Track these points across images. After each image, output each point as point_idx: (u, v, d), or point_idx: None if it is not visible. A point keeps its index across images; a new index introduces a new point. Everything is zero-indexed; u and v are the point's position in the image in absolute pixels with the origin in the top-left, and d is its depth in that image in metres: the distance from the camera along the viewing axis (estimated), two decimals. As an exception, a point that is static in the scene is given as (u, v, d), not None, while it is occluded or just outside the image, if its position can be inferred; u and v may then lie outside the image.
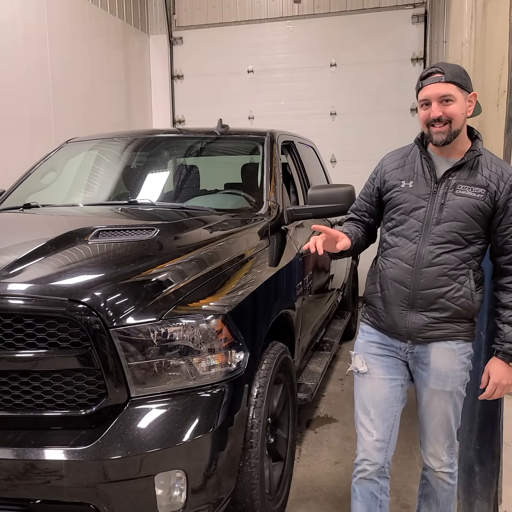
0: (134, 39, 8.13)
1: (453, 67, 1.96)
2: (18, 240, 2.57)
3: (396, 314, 2.09)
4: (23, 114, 5.54)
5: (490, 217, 1.98)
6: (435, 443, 2.17)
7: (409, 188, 2.07)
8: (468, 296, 2.02)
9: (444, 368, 2.08)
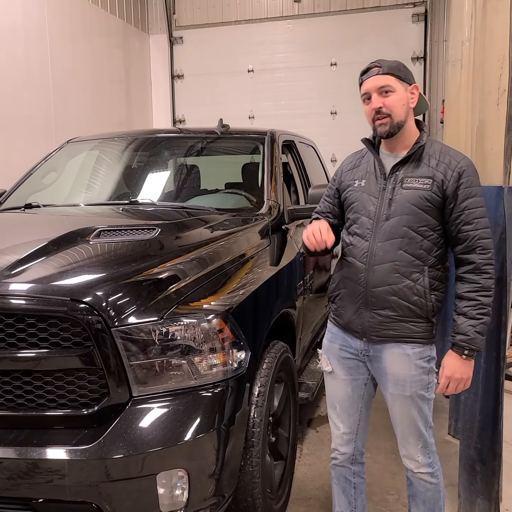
0: (134, 39, 8.14)
1: (391, 61, 1.99)
2: (19, 240, 2.57)
3: (352, 312, 2.09)
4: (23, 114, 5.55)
5: (441, 208, 1.94)
6: (407, 444, 2.16)
7: (362, 186, 2.08)
8: (421, 295, 1.97)
9: (401, 373, 2.05)
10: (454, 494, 2.81)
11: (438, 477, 2.18)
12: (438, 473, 2.18)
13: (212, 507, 2.04)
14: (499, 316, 2.37)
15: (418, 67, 7.87)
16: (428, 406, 2.10)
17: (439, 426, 3.68)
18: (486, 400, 2.44)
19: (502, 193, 2.31)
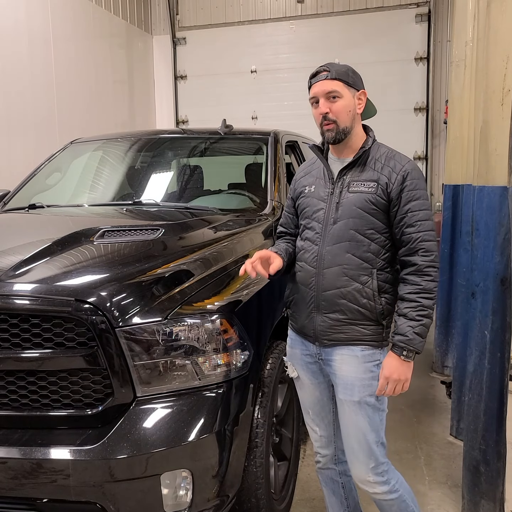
0: (137, 40, 8.15)
1: (340, 66, 2.00)
2: (24, 241, 2.58)
3: (305, 317, 2.08)
4: (27, 114, 5.56)
5: (387, 210, 1.95)
6: (356, 461, 2.08)
7: (311, 192, 2.10)
8: (370, 297, 1.96)
9: (349, 376, 2.02)
10: (458, 495, 2.80)
11: (398, 489, 2.10)
12: (397, 485, 2.10)
13: (216, 507, 2.04)
14: (504, 317, 2.37)
15: (421, 68, 7.86)
16: (379, 417, 2.05)
17: (442, 427, 3.69)
18: (490, 401, 2.43)
19: (507, 194, 2.31)
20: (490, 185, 2.35)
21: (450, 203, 4.34)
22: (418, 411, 3.95)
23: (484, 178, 2.39)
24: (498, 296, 2.36)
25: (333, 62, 2.03)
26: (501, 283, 2.35)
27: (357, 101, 2.00)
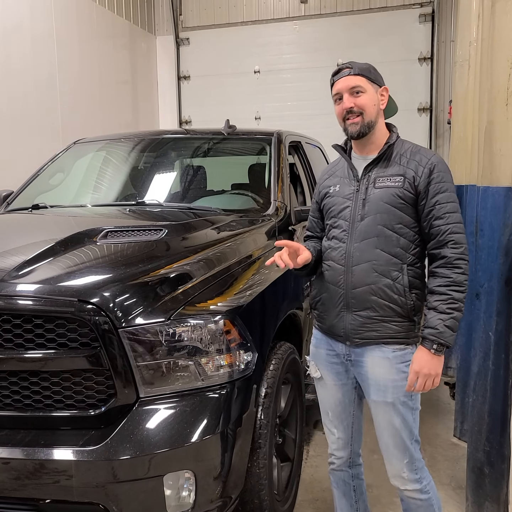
0: (141, 40, 8.15)
1: (362, 63, 2.02)
2: (27, 241, 2.57)
3: (334, 316, 2.07)
4: (31, 115, 5.56)
5: (415, 204, 1.94)
6: (392, 458, 2.09)
7: (336, 191, 2.10)
8: (401, 293, 1.95)
9: (381, 378, 2.01)
10: (462, 497, 2.79)
11: (429, 491, 2.10)
12: (429, 487, 2.11)
13: (219, 508, 2.03)
14: (508, 318, 2.36)
15: (425, 68, 7.83)
16: (413, 416, 2.05)
17: (446, 428, 3.68)
18: (494, 402, 2.42)
19: (511, 194, 2.30)
20: (495, 186, 2.34)
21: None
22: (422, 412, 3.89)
23: (489, 178, 2.38)
24: (503, 297, 2.35)
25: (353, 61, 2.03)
26: (506, 284, 2.34)
27: (380, 96, 2.01)
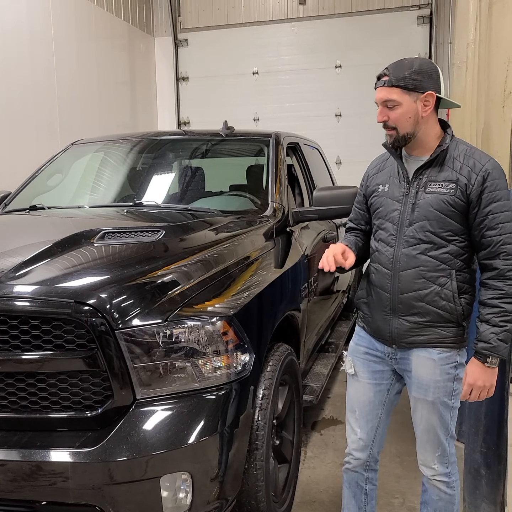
0: (139, 41, 8.15)
1: (403, 67, 1.90)
2: (24, 242, 2.57)
3: (380, 320, 2.06)
4: (29, 116, 5.56)
5: (465, 212, 1.89)
6: (424, 451, 2.12)
7: (385, 191, 2.06)
8: (449, 299, 1.93)
9: (425, 378, 2.02)
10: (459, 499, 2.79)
11: (454, 488, 2.12)
12: (455, 485, 2.12)
13: (215, 510, 2.03)
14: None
15: (423, 69, 7.85)
16: (451, 414, 2.05)
17: (444, 429, 3.68)
18: (491, 404, 2.42)
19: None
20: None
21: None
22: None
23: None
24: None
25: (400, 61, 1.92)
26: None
27: (422, 104, 1.89)
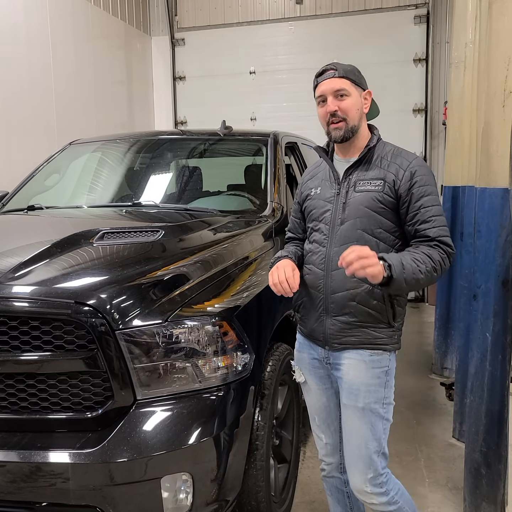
0: (136, 41, 8.13)
1: (346, 65, 1.99)
2: (23, 242, 2.56)
3: (314, 321, 2.04)
4: (26, 115, 5.54)
5: (395, 208, 1.91)
6: (355, 470, 2.01)
7: (317, 194, 2.07)
8: (380, 298, 1.91)
9: (356, 381, 1.97)
10: (459, 498, 2.79)
11: (398, 501, 2.04)
12: (397, 497, 2.04)
13: (216, 511, 2.03)
14: (505, 319, 2.36)
15: (420, 69, 7.84)
16: (383, 426, 1.99)
17: (443, 429, 3.68)
18: (491, 403, 2.42)
19: (508, 196, 2.30)
20: (492, 187, 2.34)
21: (450, 204, 4.34)
22: (418, 413, 3.94)
23: (486, 180, 2.38)
24: (500, 298, 2.35)
25: (337, 62, 2.00)
26: (503, 285, 2.34)
27: (363, 100, 1.99)
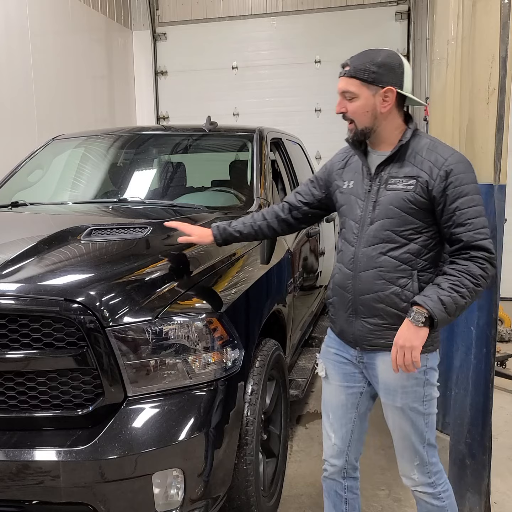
0: (117, 35, 8.06)
1: (366, 58, 1.83)
2: (9, 239, 2.53)
3: (344, 321, 2.00)
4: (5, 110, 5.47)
5: (428, 209, 1.82)
6: (401, 459, 2.05)
7: (350, 188, 1.98)
8: (409, 300, 1.83)
9: (392, 383, 1.94)
10: (444, 489, 2.84)
11: (443, 500, 2.01)
12: (444, 496, 2.02)
13: (207, 505, 2.04)
14: (490, 313, 2.40)
15: (401, 65, 7.91)
16: (425, 421, 1.96)
17: (426, 421, 3.73)
18: (476, 395, 2.47)
19: (493, 192, 2.34)
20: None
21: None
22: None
23: (469, 176, 2.41)
24: (484, 292, 2.39)
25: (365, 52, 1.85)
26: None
27: (381, 99, 1.81)
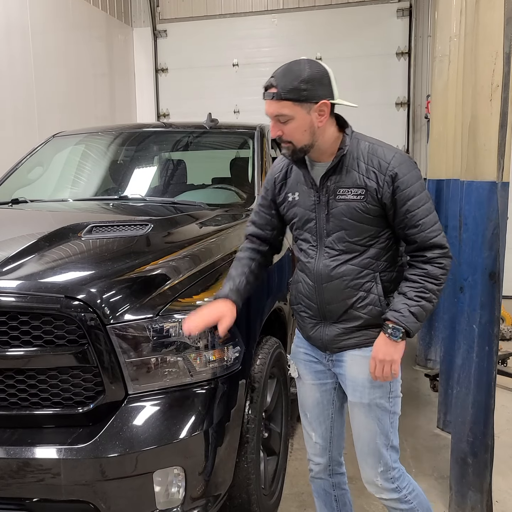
0: (117, 32, 8.05)
1: (291, 75, 1.71)
2: (9, 236, 2.53)
3: (310, 327, 2.00)
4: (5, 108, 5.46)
5: (381, 214, 1.81)
6: (365, 465, 2.01)
7: (296, 200, 1.93)
8: (375, 303, 1.85)
9: (359, 377, 1.93)
10: (445, 487, 2.84)
11: (411, 501, 1.99)
12: (411, 497, 2.00)
13: (208, 504, 2.03)
14: (492, 311, 2.39)
15: (402, 62, 7.89)
16: (390, 420, 1.96)
17: (427, 419, 3.73)
18: (478, 394, 2.46)
19: (495, 189, 2.32)
20: (479, 180, 2.37)
21: (433, 198, 4.37)
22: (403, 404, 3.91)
23: (473, 173, 2.40)
24: (487, 291, 2.38)
25: (287, 69, 1.73)
26: (490, 277, 2.37)
27: (317, 114, 1.74)
